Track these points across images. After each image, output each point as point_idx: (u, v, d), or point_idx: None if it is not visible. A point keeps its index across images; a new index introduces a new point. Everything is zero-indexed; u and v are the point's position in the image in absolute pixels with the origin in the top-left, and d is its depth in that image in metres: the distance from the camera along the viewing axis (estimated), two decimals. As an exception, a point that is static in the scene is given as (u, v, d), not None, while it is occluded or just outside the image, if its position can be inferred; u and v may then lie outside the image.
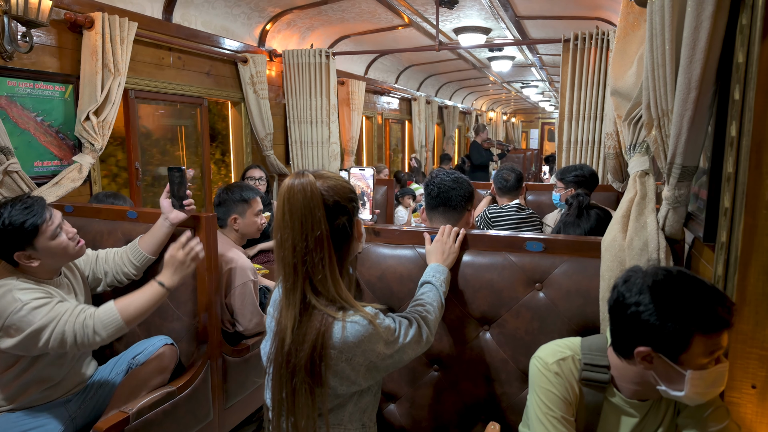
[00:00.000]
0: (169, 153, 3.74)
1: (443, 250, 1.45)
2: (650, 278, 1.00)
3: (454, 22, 4.77)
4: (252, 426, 2.56)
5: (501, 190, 3.00)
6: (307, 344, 1.04)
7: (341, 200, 1.09)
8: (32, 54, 2.45)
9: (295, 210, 1.04)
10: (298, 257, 1.05)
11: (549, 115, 15.60)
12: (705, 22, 0.96)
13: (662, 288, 0.98)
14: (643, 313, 0.98)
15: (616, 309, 1.04)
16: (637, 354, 1.01)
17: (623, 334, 1.05)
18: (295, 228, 1.04)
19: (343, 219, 1.10)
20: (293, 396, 1.06)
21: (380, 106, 6.91)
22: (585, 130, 3.58)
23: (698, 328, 0.94)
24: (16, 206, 1.56)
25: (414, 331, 1.16)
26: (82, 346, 1.54)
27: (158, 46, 3.25)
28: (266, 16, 4.10)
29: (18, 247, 1.55)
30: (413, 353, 1.17)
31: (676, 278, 1.00)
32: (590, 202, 1.94)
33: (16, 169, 2.26)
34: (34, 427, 1.62)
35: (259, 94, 4.05)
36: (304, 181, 1.06)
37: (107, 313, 1.56)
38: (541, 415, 1.13)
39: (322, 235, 1.05)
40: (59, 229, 1.62)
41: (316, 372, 1.05)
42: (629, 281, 1.03)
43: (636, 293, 1.00)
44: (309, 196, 1.05)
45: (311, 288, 1.07)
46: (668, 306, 0.96)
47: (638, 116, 1.34)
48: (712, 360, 0.97)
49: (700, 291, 0.97)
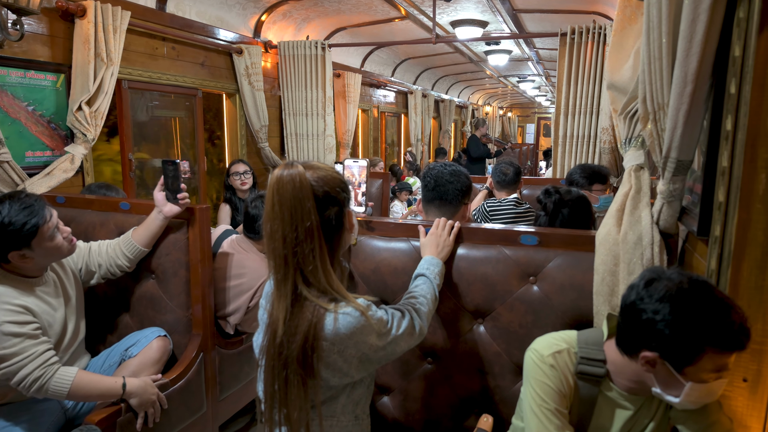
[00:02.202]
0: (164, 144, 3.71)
1: (438, 243, 1.44)
2: (675, 288, 0.97)
3: (451, 15, 4.74)
4: (245, 418, 2.56)
5: (500, 184, 3.00)
6: (299, 336, 1.04)
7: (331, 191, 1.09)
8: (23, 42, 2.41)
9: (285, 201, 1.03)
10: (288, 248, 1.04)
11: (545, 110, 15.61)
12: (702, 16, 0.95)
13: (684, 301, 0.95)
14: (659, 322, 0.96)
15: (631, 310, 1.02)
16: (643, 357, 1.01)
17: (632, 334, 1.03)
18: (285, 219, 1.04)
19: (333, 210, 1.09)
20: (285, 388, 1.06)
21: (376, 99, 6.88)
22: (581, 124, 3.58)
23: (712, 347, 0.93)
24: (15, 205, 1.52)
25: (407, 323, 1.16)
26: (22, 389, 1.51)
27: (152, 36, 3.21)
28: (261, 7, 4.06)
29: (14, 247, 1.53)
30: (406, 345, 1.17)
31: (700, 293, 0.96)
32: (563, 195, 1.85)
33: (6, 159, 2.24)
34: (27, 419, 1.61)
35: (254, 86, 4.02)
36: (293, 171, 1.05)
37: (61, 382, 1.52)
38: (536, 407, 1.13)
39: (312, 225, 1.04)
40: (56, 229, 1.61)
41: (308, 364, 1.05)
42: (652, 286, 0.99)
43: (656, 300, 0.97)
44: (298, 186, 1.04)
45: (302, 279, 1.06)
46: (687, 321, 0.94)
47: (634, 110, 1.34)
48: (716, 377, 0.97)
49: (720, 309, 0.94)
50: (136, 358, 1.78)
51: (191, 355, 1.95)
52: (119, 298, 2.05)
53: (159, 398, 1.75)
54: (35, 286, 1.62)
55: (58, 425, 1.70)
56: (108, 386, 1.62)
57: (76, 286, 1.81)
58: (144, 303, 2.02)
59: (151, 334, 1.85)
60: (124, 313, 2.06)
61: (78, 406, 1.76)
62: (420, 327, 1.20)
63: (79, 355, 1.82)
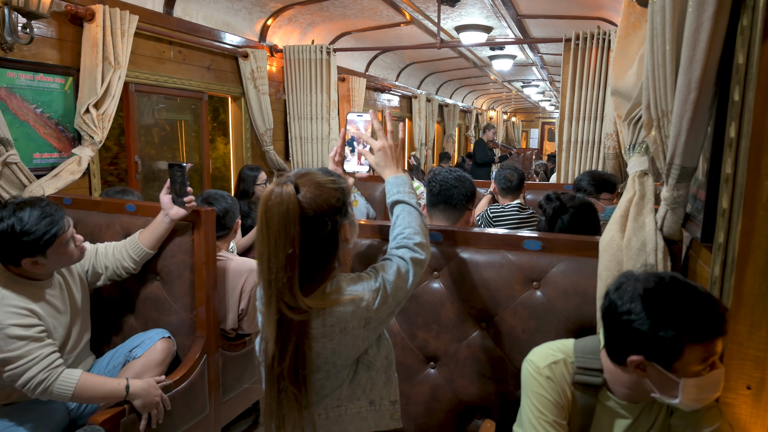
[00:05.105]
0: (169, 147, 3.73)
1: (391, 156, 1.29)
2: (642, 285, 0.99)
3: (455, 20, 4.76)
4: (248, 420, 2.56)
5: (504, 190, 3.00)
6: (289, 354, 1.03)
7: (325, 210, 1.04)
8: (32, 46, 2.44)
9: (272, 224, 0.99)
10: (272, 273, 1.01)
11: (549, 115, 15.59)
12: (706, 23, 0.96)
13: (654, 296, 0.97)
14: (634, 321, 0.97)
15: (609, 316, 1.03)
16: (630, 362, 1.01)
17: (616, 341, 1.04)
18: (270, 242, 1.00)
19: (326, 230, 1.06)
20: (279, 400, 1.06)
21: (380, 103, 6.89)
22: (585, 130, 3.58)
23: (690, 337, 0.93)
24: (35, 212, 1.52)
25: (393, 269, 1.12)
26: (26, 391, 1.52)
27: (159, 40, 3.24)
28: (267, 12, 4.09)
29: (29, 254, 1.54)
30: (405, 283, 1.13)
31: (669, 285, 0.98)
32: (564, 201, 1.84)
33: (15, 161, 2.26)
34: (31, 420, 1.62)
35: (259, 90, 4.05)
36: (283, 192, 1.00)
37: (65, 385, 1.54)
38: (534, 419, 1.13)
39: (294, 254, 1.00)
40: (71, 238, 1.62)
41: (300, 381, 1.05)
42: (621, 288, 1.02)
43: (628, 301, 0.99)
44: (284, 210, 0.99)
45: (285, 305, 1.03)
46: (660, 314, 0.95)
47: (638, 116, 1.34)
48: (706, 367, 0.96)
49: (692, 299, 0.96)
50: (140, 359, 1.79)
51: (195, 356, 1.96)
52: (124, 300, 2.06)
53: (162, 400, 1.76)
54: (42, 289, 1.63)
55: (63, 425, 1.71)
56: (111, 388, 1.62)
57: (82, 289, 1.83)
58: (148, 305, 2.03)
59: (156, 336, 1.86)
60: (128, 314, 2.07)
61: (82, 407, 1.77)
62: (413, 257, 1.14)
63: (83, 357, 1.83)
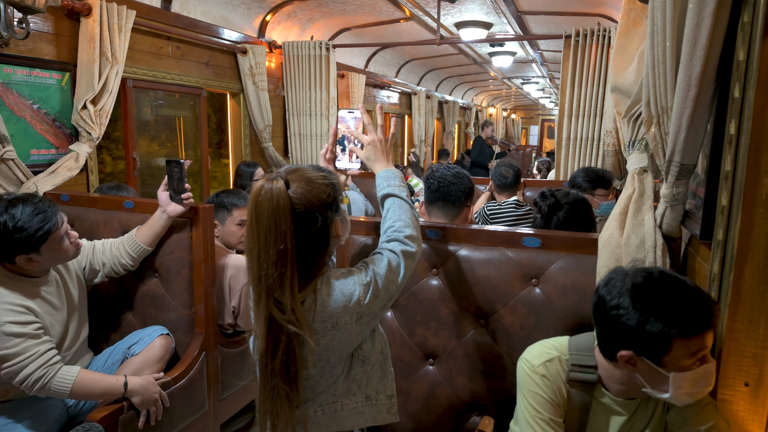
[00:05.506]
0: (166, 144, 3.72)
1: (381, 150, 1.29)
2: (630, 280, 1.00)
3: (455, 17, 4.74)
4: (247, 417, 2.56)
5: (499, 186, 3.00)
6: (280, 351, 1.03)
7: (315, 206, 1.04)
8: (29, 41, 2.42)
9: (262, 219, 0.99)
10: (262, 269, 1.00)
11: (549, 112, 15.57)
12: (706, 20, 0.95)
13: (642, 290, 0.98)
14: (623, 316, 0.98)
15: (599, 312, 1.04)
16: (620, 357, 1.01)
17: (606, 336, 1.05)
18: (260, 239, 0.99)
19: (316, 226, 1.05)
20: (272, 397, 1.06)
21: (380, 99, 6.88)
22: (585, 127, 3.58)
23: (678, 331, 0.93)
24: (28, 209, 1.52)
25: (384, 263, 1.12)
26: (24, 388, 1.52)
27: (157, 35, 3.22)
28: (266, 7, 4.07)
29: (23, 251, 1.53)
30: (396, 276, 1.12)
31: (657, 280, 0.99)
32: (559, 198, 1.83)
33: (12, 157, 2.25)
34: (30, 416, 1.62)
35: (258, 86, 4.03)
36: (273, 187, 0.99)
37: (63, 381, 1.53)
38: (530, 417, 1.13)
39: (286, 249, 0.99)
40: (66, 234, 1.61)
41: (291, 379, 1.05)
42: (610, 283, 1.03)
43: (616, 296, 1.00)
44: (275, 206, 0.98)
45: (274, 303, 1.02)
46: (647, 309, 0.96)
47: (638, 113, 1.34)
48: (696, 361, 0.97)
49: (680, 293, 0.96)
50: (138, 356, 1.79)
51: (193, 353, 1.96)
52: (122, 297, 2.06)
53: (161, 396, 1.76)
54: (38, 287, 1.63)
55: (61, 422, 1.71)
56: (109, 385, 1.62)
57: (78, 286, 1.82)
58: (147, 301, 2.02)
59: (154, 333, 1.85)
60: (127, 311, 2.06)
61: (81, 404, 1.77)
62: (404, 250, 1.14)
63: (81, 354, 1.83)
